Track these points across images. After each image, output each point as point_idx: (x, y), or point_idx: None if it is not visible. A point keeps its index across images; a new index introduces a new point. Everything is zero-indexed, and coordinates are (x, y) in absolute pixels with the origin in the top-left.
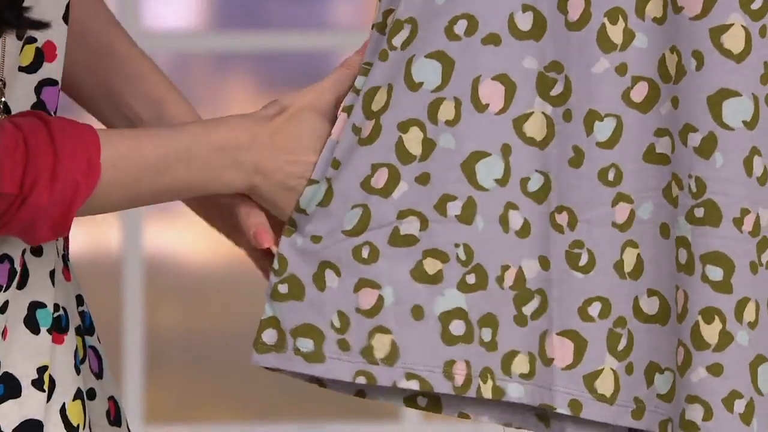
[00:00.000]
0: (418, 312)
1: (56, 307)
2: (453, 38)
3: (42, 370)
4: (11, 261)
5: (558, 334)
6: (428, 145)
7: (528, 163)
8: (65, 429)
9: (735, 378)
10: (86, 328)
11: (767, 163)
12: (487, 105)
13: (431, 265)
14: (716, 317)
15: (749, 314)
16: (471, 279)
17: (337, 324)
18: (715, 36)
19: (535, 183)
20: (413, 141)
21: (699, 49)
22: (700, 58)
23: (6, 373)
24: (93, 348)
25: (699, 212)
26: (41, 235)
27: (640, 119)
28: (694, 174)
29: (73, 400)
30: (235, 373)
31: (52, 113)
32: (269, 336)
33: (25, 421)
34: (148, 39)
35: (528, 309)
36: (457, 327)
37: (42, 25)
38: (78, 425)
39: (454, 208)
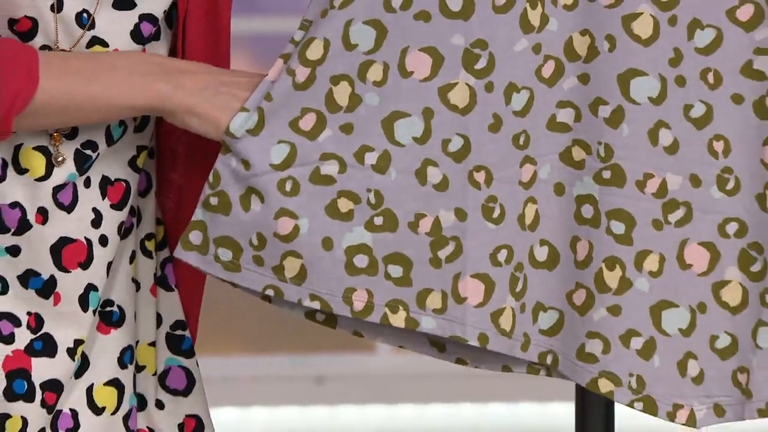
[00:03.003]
0: (328, 243)
1: (110, 302)
2: (389, 10)
3: (78, 342)
4: (88, 242)
5: (472, 276)
6: (355, 100)
7: (450, 127)
8: (87, 404)
9: (632, 318)
10: (183, 351)
11: (677, 135)
12: (412, 72)
13: (344, 204)
14: (617, 265)
15: (650, 264)
16: (379, 221)
17: (255, 242)
18: (626, 23)
19: (456, 144)
20: (342, 94)
21: (612, 33)
22: (612, 41)
23: (47, 334)
24: (185, 368)
25: (606, 174)
26: None
27: (546, 92)
28: (603, 141)
29: (105, 384)
30: (230, 310)
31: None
32: (195, 237)
33: (51, 379)
34: None
35: (443, 253)
36: (360, 260)
37: None
38: (104, 408)
39: (371, 158)
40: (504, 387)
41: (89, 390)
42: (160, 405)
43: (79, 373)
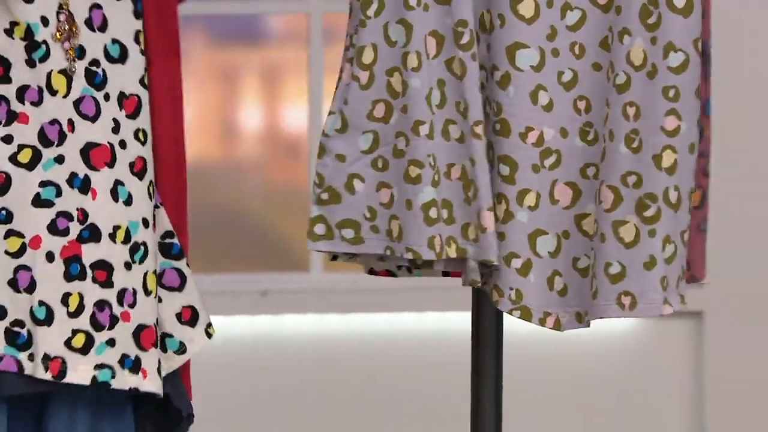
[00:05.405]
0: (409, 204)
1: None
2: (409, 9)
3: (116, 227)
4: (110, 145)
5: (487, 209)
6: (405, 86)
7: (456, 92)
8: (142, 288)
9: (514, 244)
10: (173, 255)
11: (552, 96)
12: (429, 54)
13: (413, 170)
14: (503, 200)
15: (529, 200)
16: (437, 178)
17: (368, 215)
18: (514, 4)
19: (462, 105)
20: (397, 82)
21: (502, 12)
22: (503, 19)
23: (92, 224)
24: (177, 269)
25: (498, 126)
26: None
27: (473, 58)
28: (495, 99)
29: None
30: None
31: None
32: (319, 229)
33: (98, 260)
34: None
35: (471, 193)
36: (432, 212)
37: None
38: (152, 291)
39: (425, 129)
40: (413, 299)
41: (145, 276)
42: (158, 300)
43: (140, 262)
